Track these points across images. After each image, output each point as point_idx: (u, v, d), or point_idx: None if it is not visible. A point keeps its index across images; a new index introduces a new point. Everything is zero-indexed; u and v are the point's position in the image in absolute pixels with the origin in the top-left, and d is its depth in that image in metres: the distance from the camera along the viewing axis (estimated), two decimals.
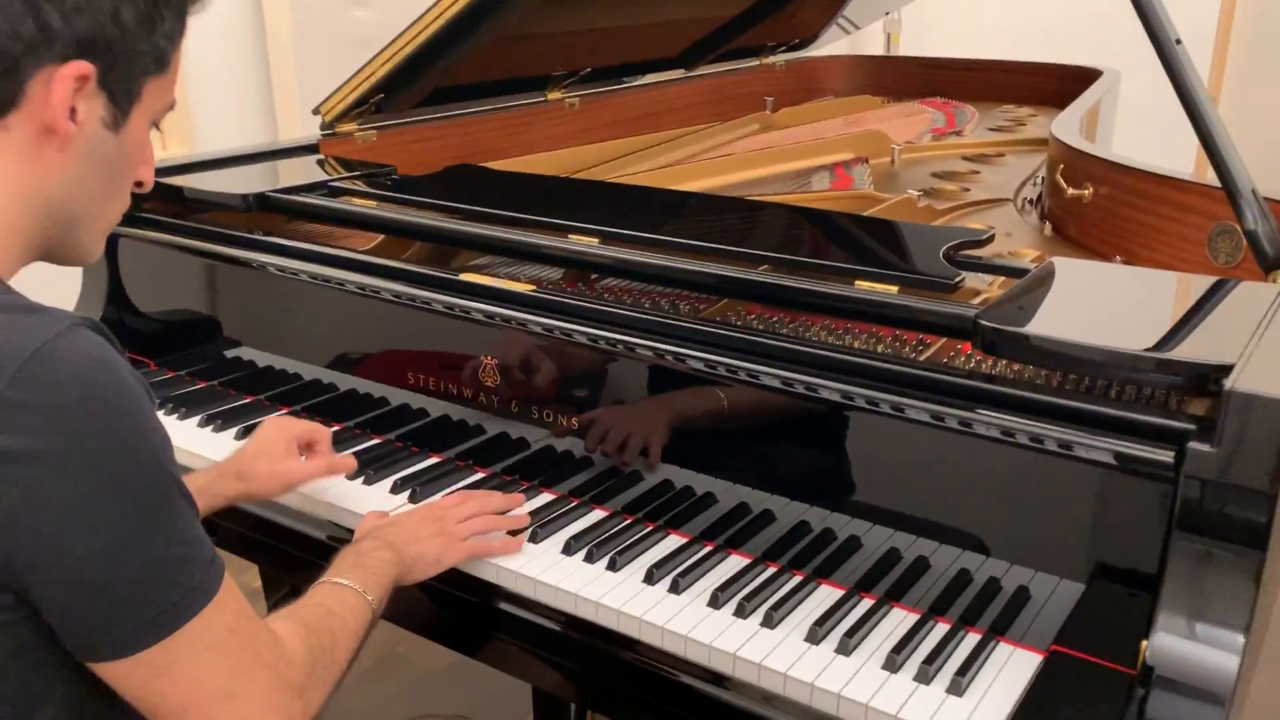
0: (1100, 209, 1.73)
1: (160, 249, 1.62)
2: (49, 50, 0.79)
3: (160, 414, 1.48)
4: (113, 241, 1.64)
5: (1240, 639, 0.85)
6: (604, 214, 1.42)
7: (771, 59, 3.18)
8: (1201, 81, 1.32)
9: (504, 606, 1.16)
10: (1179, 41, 1.31)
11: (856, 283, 1.17)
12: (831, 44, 3.49)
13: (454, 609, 1.21)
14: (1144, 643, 0.87)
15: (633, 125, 2.58)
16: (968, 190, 2.10)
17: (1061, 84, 2.96)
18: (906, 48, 4.56)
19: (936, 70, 3.36)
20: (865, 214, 1.67)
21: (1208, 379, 0.87)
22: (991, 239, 1.32)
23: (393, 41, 1.83)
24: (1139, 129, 4.33)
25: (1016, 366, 1.07)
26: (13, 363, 0.72)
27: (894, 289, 1.15)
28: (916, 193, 1.89)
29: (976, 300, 1.17)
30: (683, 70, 2.77)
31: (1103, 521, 0.97)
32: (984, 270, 1.24)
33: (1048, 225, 1.90)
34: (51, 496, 0.73)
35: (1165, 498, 0.89)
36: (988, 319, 1.01)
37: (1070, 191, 1.79)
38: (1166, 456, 0.87)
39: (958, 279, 1.14)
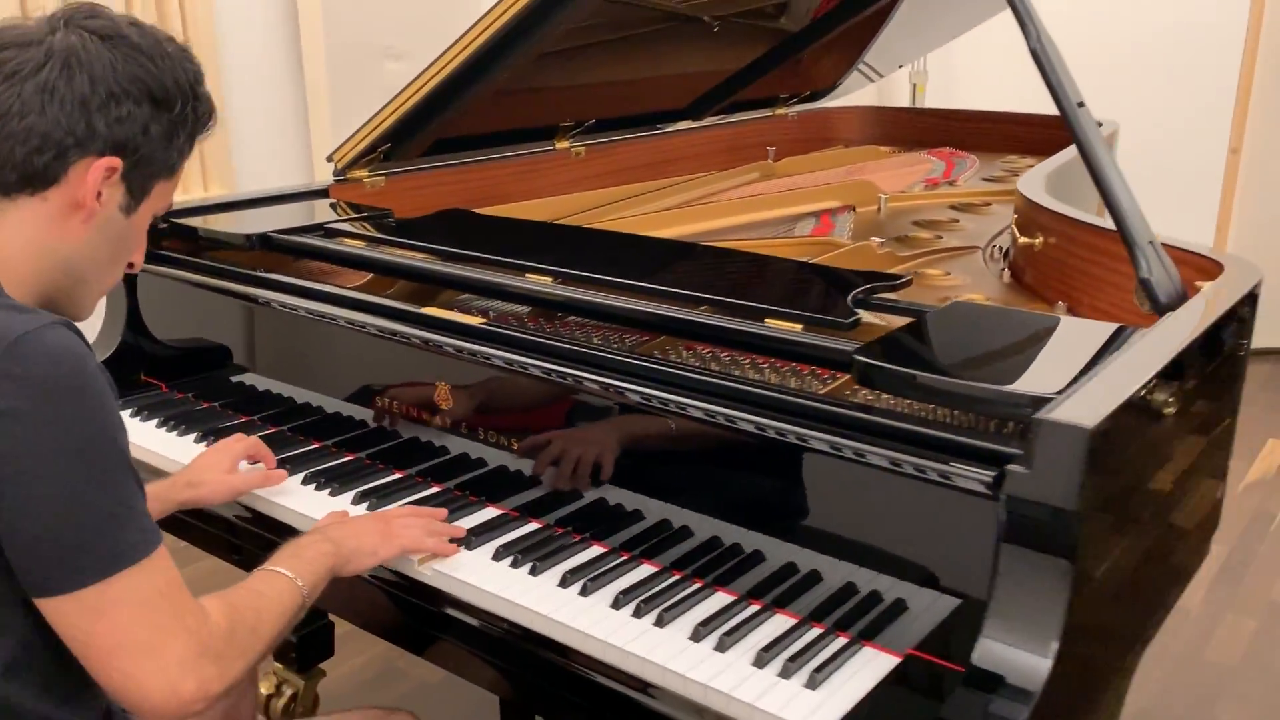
0: (1049, 258, 1.83)
1: (175, 283, 1.80)
2: (92, 145, 1.01)
3: (162, 430, 1.66)
4: (131, 276, 1.82)
5: (1054, 644, 0.95)
6: (563, 256, 1.56)
7: (784, 110, 3.31)
8: (1103, 140, 1.43)
9: (445, 610, 1.29)
10: (1081, 104, 1.42)
11: (766, 320, 1.29)
12: (858, 92, 3.62)
13: (406, 610, 1.34)
14: None
15: (639, 172, 2.72)
16: (940, 238, 2.21)
17: (1062, 134, 3.04)
18: (933, 98, 4.67)
19: (947, 121, 3.47)
20: (814, 260, 1.79)
21: (1035, 409, 0.98)
22: (909, 283, 1.44)
23: (397, 95, 2.00)
24: (1162, 178, 4.39)
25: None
26: (2, 343, 0.90)
27: (798, 327, 1.27)
28: (878, 240, 2.00)
29: None
30: (691, 121, 2.92)
31: (960, 539, 1.07)
32: (893, 312, 1.35)
33: (1007, 273, 1.99)
34: (23, 449, 0.90)
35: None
36: (863, 355, 1.13)
37: (1022, 240, 1.89)
38: (988, 476, 0.98)
39: (853, 318, 1.25)
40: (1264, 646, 2.48)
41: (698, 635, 1.11)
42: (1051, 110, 1.45)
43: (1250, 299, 1.41)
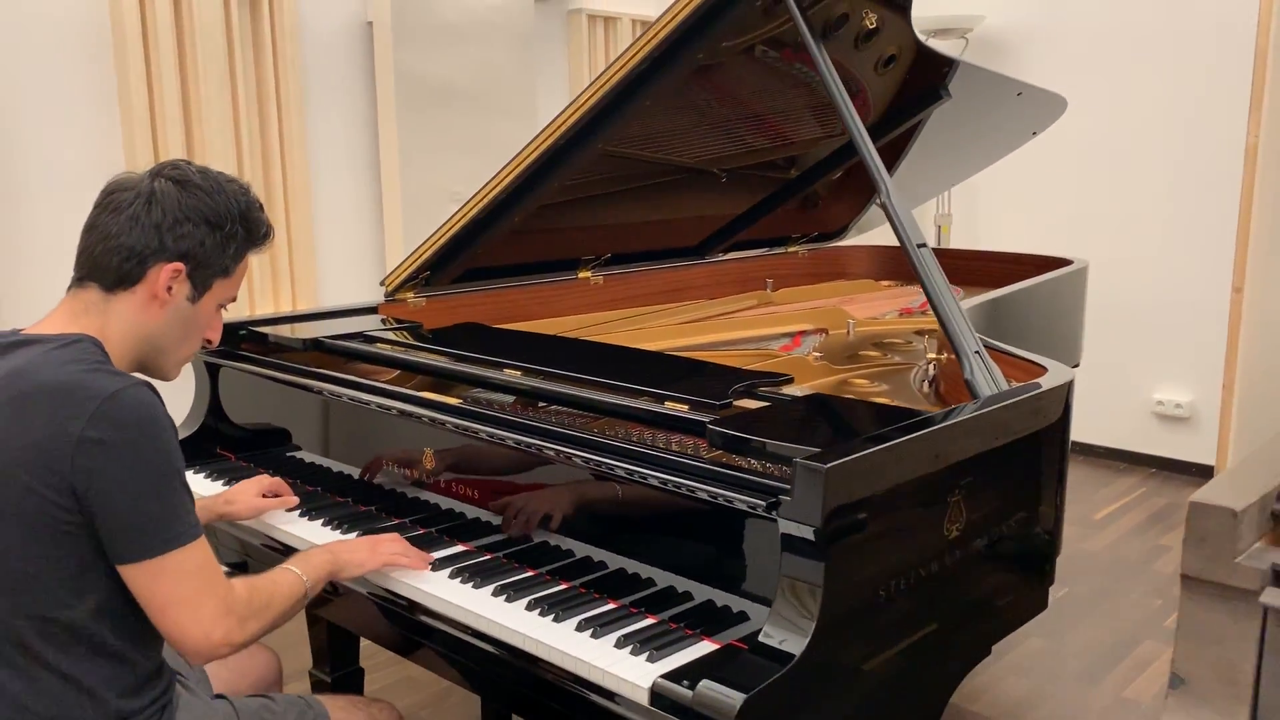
0: (951, 371, 2.20)
1: (247, 376, 2.29)
2: (163, 255, 1.46)
3: (221, 484, 2.13)
4: (215, 370, 2.33)
5: (811, 624, 1.32)
6: (536, 357, 2.00)
7: (796, 248, 3.75)
8: (942, 273, 1.83)
9: (419, 617, 1.70)
10: (923, 245, 1.83)
11: (666, 403, 1.71)
12: (881, 228, 4.05)
13: (392, 619, 1.75)
14: None
15: (652, 299, 3.18)
16: (887, 356, 2.59)
17: (1037, 270, 3.41)
18: (957, 239, 5.07)
19: (950, 259, 3.86)
20: (756, 365, 2.20)
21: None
22: (789, 380, 1.84)
23: (434, 233, 2.51)
24: (1169, 315, 4.67)
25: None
26: (104, 394, 1.35)
27: (685, 408, 1.68)
28: (816, 354, 2.41)
29: None
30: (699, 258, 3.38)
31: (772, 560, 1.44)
32: (766, 399, 1.75)
33: (926, 385, 2.37)
34: (111, 466, 1.33)
35: None
36: (715, 425, 1.54)
37: (930, 355, 2.27)
38: (763, 503, 1.37)
39: (724, 402, 1.66)
40: None
41: (581, 627, 1.50)
42: (1057, 252, 1.82)
43: (1065, 395, 1.78)
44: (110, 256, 1.45)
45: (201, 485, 2.18)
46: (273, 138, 3.55)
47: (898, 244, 4.28)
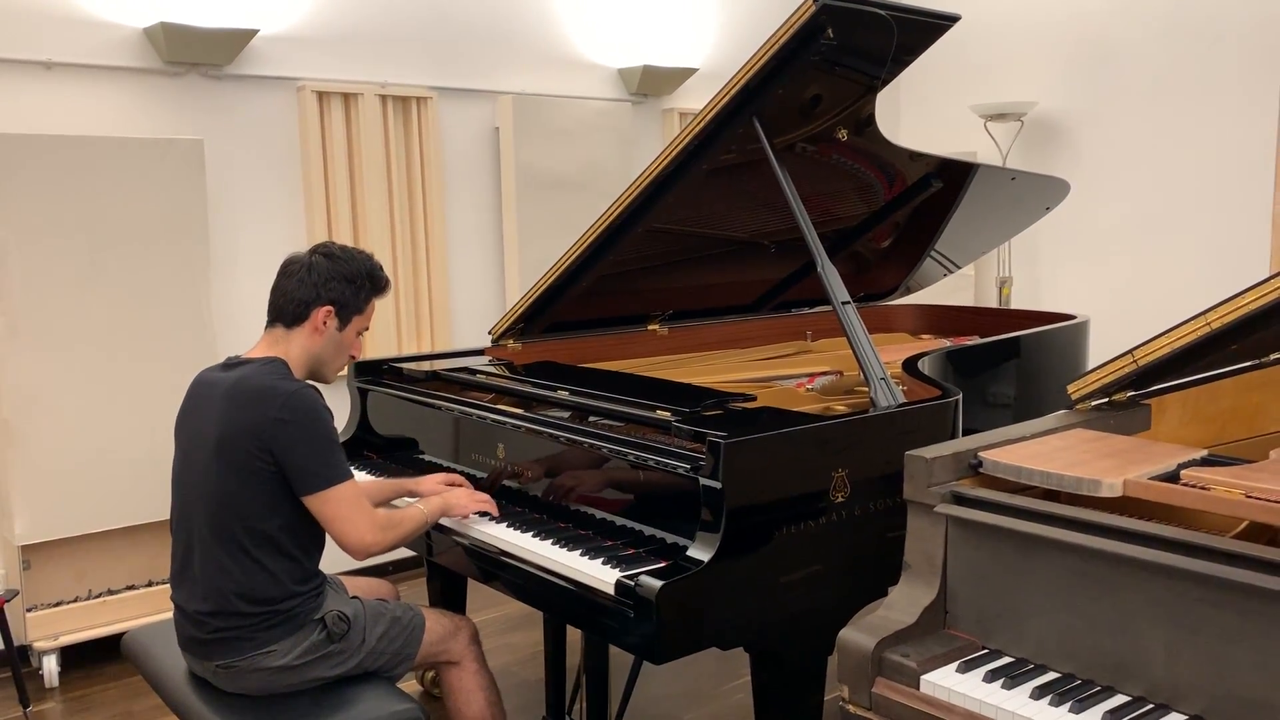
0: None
1: (388, 398, 3.16)
2: (320, 302, 2.35)
3: (372, 476, 2.99)
4: (364, 393, 3.21)
5: (716, 543, 2.05)
6: (584, 382, 2.79)
7: None
8: (861, 322, 2.54)
9: (496, 556, 2.49)
10: (846, 302, 2.54)
11: (657, 411, 2.47)
12: (955, 286, 4.67)
13: (473, 557, 2.55)
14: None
15: (709, 346, 3.93)
16: None
17: (1044, 324, 4.01)
18: (1019, 299, 5.64)
19: (976, 315, 4.49)
20: (754, 391, 2.93)
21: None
22: (754, 399, 2.57)
23: (522, 296, 3.34)
24: None
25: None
26: (288, 393, 2.21)
27: (669, 415, 2.44)
28: (808, 387, 3.12)
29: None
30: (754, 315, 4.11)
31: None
32: (726, 410, 2.49)
33: None
34: (293, 436, 2.19)
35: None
36: (677, 421, 2.29)
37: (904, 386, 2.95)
38: (688, 466, 2.12)
39: (694, 410, 2.41)
40: None
41: (584, 554, 2.27)
42: (1105, 310, 2.56)
43: (952, 409, 2.46)
44: (288, 305, 2.34)
45: (358, 475, 3.04)
46: (419, 219, 4.49)
47: (946, 304, 4.91)
